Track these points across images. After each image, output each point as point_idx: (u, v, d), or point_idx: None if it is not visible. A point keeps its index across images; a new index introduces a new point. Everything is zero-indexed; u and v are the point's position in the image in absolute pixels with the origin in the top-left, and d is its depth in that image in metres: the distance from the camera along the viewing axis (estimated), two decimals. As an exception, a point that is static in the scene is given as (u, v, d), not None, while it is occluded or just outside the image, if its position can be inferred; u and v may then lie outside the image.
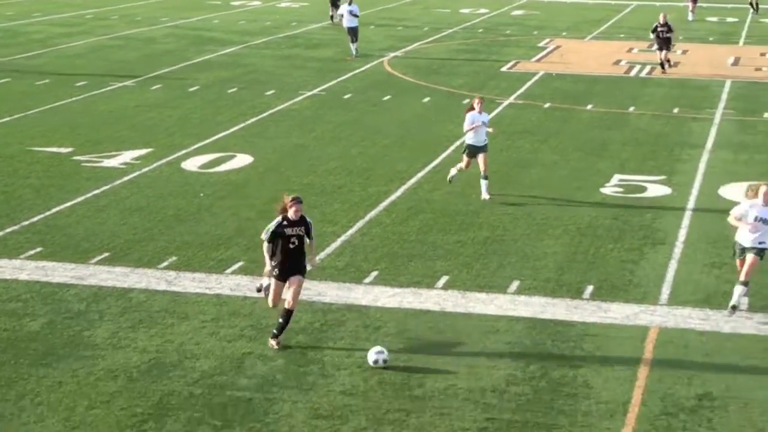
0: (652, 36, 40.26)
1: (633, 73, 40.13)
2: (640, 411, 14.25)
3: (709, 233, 21.45)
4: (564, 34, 50.82)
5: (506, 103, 34.25)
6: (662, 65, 39.53)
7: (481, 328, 16.85)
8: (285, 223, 15.73)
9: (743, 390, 14.74)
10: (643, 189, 24.61)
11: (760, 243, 16.96)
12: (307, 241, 16.04)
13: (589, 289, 18.56)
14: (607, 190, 24.50)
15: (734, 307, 16.93)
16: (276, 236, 15.73)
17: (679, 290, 18.55)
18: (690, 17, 56.19)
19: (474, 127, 23.28)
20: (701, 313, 17.57)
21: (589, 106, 33.90)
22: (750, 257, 17.01)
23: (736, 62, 43.09)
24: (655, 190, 24.55)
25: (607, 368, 15.51)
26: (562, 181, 25.19)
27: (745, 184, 24.89)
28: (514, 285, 18.70)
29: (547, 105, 34.01)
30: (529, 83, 37.72)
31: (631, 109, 33.66)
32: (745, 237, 17.12)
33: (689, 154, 27.89)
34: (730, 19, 57.12)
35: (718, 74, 39.94)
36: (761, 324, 17.03)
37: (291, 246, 15.75)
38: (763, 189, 16.85)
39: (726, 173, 26.05)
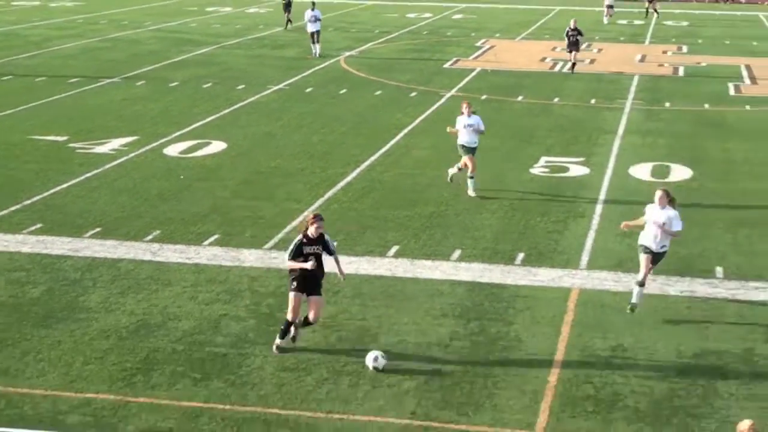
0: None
1: (557, 69, 40.16)
2: (563, 361, 14.34)
3: (621, 207, 21.54)
4: (498, 35, 50.76)
5: (448, 95, 34.19)
6: (572, 65, 39.19)
7: (428, 291, 16.87)
8: (305, 241, 14.28)
9: (649, 341, 14.87)
10: (566, 169, 24.69)
11: (662, 247, 15.81)
12: (327, 257, 14.61)
13: (521, 256, 18.61)
14: (536, 170, 24.56)
15: (633, 308, 15.78)
16: (296, 254, 14.30)
17: (596, 257, 18.64)
18: (605, 21, 56.36)
19: (455, 131, 22.11)
20: (615, 276, 17.68)
21: (520, 98, 33.93)
22: (647, 258, 15.77)
23: (642, 59, 43.23)
24: (576, 170, 24.64)
25: (536, 325, 15.59)
26: (497, 163, 25.21)
27: (650, 165, 25.09)
28: (456, 253, 18.71)
29: (483, 97, 33.98)
30: (467, 78, 37.66)
31: (556, 100, 33.72)
32: (648, 239, 15.83)
33: (604, 139, 27.99)
34: (637, 22, 57.30)
35: (627, 70, 40.08)
36: (664, 285, 17.16)
37: (311, 259, 14.24)
38: (658, 194, 15.73)
39: (635, 155, 26.17)
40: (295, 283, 14.36)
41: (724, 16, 61.08)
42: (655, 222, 15.66)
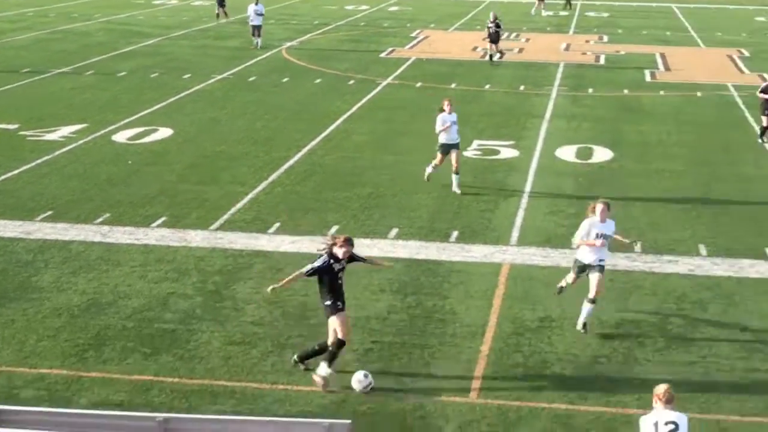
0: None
1: (487, 57, 40.23)
2: (495, 332, 14.43)
3: (548, 187, 21.73)
4: (432, 25, 50.77)
5: (384, 83, 34.15)
6: (491, 57, 38.93)
7: (367, 268, 16.75)
8: (332, 261, 12.74)
9: (574, 313, 14.95)
10: (497, 152, 24.81)
11: (600, 260, 14.31)
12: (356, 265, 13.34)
13: (455, 234, 18.67)
14: (469, 153, 24.61)
15: (585, 325, 14.45)
16: (322, 273, 12.70)
17: (526, 233, 18.77)
18: (533, 12, 56.63)
19: (446, 127, 21.03)
20: (543, 251, 17.83)
21: (453, 85, 33.98)
22: (596, 276, 14.32)
23: (567, 48, 43.55)
24: (507, 152, 24.77)
25: (469, 298, 15.66)
26: (432, 146, 25.16)
27: (575, 147, 25.30)
28: (394, 232, 18.72)
29: (418, 84, 34.00)
30: (403, 67, 37.63)
31: (487, 87, 33.83)
32: (586, 255, 14.42)
33: (532, 123, 28.16)
34: (562, 13, 57.68)
35: (553, 58, 40.35)
36: (591, 259, 17.32)
37: (339, 282, 12.80)
38: (599, 207, 14.30)
39: (560, 138, 26.36)
40: (339, 303, 12.71)
41: (641, 7, 61.69)
42: (600, 236, 14.21)
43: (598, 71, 37.48)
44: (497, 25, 38.89)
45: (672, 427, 9.67)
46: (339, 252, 12.75)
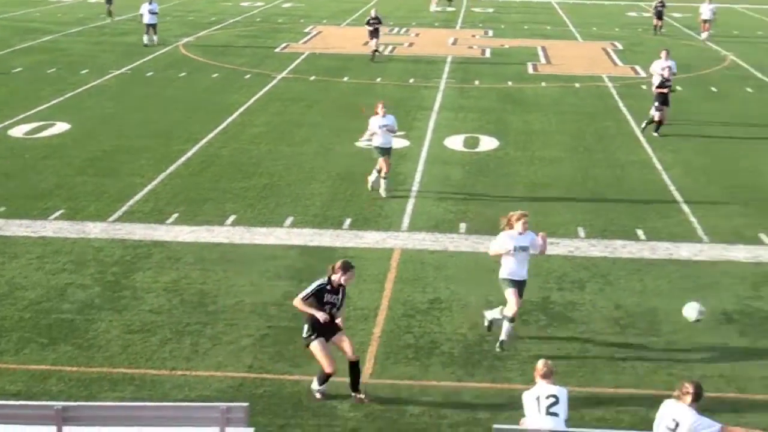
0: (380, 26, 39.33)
1: (371, 53, 40.12)
2: (387, 314, 14.47)
3: (437, 175, 21.86)
4: (325, 21, 50.58)
5: (279, 77, 33.89)
6: (373, 53, 38.31)
7: (263, 256, 16.72)
8: (328, 288, 11.84)
9: (462, 295, 15.15)
10: (388, 142, 24.82)
11: (520, 276, 13.38)
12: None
13: (348, 221, 18.64)
14: (361, 143, 24.52)
15: (502, 343, 13.41)
16: (313, 297, 11.82)
17: (416, 220, 18.85)
18: (432, 9, 57.02)
19: (376, 132, 19.86)
20: (432, 236, 17.92)
21: (346, 78, 33.92)
22: (514, 291, 13.30)
23: (455, 42, 43.85)
24: (398, 142, 24.70)
25: (362, 282, 15.61)
26: (325, 138, 25.18)
27: (462, 137, 25.52)
28: (289, 220, 18.60)
29: (312, 78, 33.84)
30: (297, 61, 37.41)
31: (378, 80, 33.86)
32: (515, 271, 13.31)
33: (422, 115, 28.28)
34: (449, 9, 58.07)
35: (442, 52, 40.61)
36: (475, 243, 17.49)
37: (325, 310, 11.82)
38: (521, 220, 13.24)
39: (449, 128, 26.54)
40: (314, 332, 11.76)
41: (523, 3, 62.50)
42: (521, 249, 13.24)
43: (484, 64, 37.85)
44: (378, 21, 38.79)
45: (553, 400, 9.84)
46: (339, 278, 11.77)
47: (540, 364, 10.04)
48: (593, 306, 14.93)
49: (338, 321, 11.98)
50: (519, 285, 13.34)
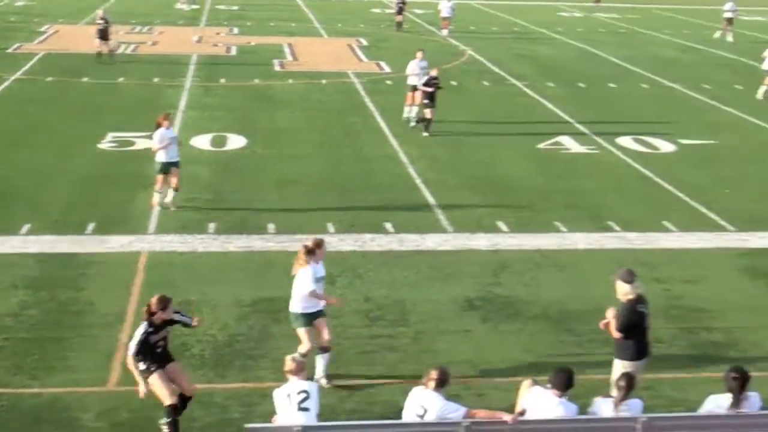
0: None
1: (120, 51, 38.99)
2: (134, 320, 14.01)
3: (184, 175, 21.22)
4: (61, 20, 48.51)
5: (13, 78, 32.21)
6: (111, 54, 36.59)
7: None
8: (151, 330, 10.86)
9: (213, 295, 14.96)
10: (133, 143, 24.12)
11: (321, 306, 12.50)
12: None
13: (92, 225, 17.98)
14: (104, 145, 23.82)
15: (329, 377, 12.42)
16: (142, 347, 10.80)
17: (164, 222, 18.44)
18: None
19: (164, 145, 18.78)
20: (180, 237, 17.61)
21: (85, 79, 32.69)
22: (323, 321, 12.47)
23: (199, 40, 43.25)
24: (142, 143, 24.03)
25: (108, 288, 15.17)
26: (65, 140, 24.18)
27: (210, 136, 25.22)
28: (26, 228, 17.72)
29: (49, 79, 32.39)
30: (32, 61, 35.65)
31: (121, 80, 32.86)
32: (312, 304, 12.40)
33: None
34: (194, 6, 57.11)
35: (186, 50, 39.96)
36: (225, 243, 17.33)
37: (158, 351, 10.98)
38: (318, 248, 12.45)
39: (195, 128, 26.09)
40: (151, 365, 10.89)
41: (269, 0, 62.49)
42: (320, 279, 12.49)
43: (230, 62, 37.56)
44: (105, 21, 37.30)
45: (304, 395, 9.90)
46: (161, 315, 10.88)
47: (288, 360, 10.08)
48: (343, 300, 15.12)
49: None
50: (321, 317, 12.53)
